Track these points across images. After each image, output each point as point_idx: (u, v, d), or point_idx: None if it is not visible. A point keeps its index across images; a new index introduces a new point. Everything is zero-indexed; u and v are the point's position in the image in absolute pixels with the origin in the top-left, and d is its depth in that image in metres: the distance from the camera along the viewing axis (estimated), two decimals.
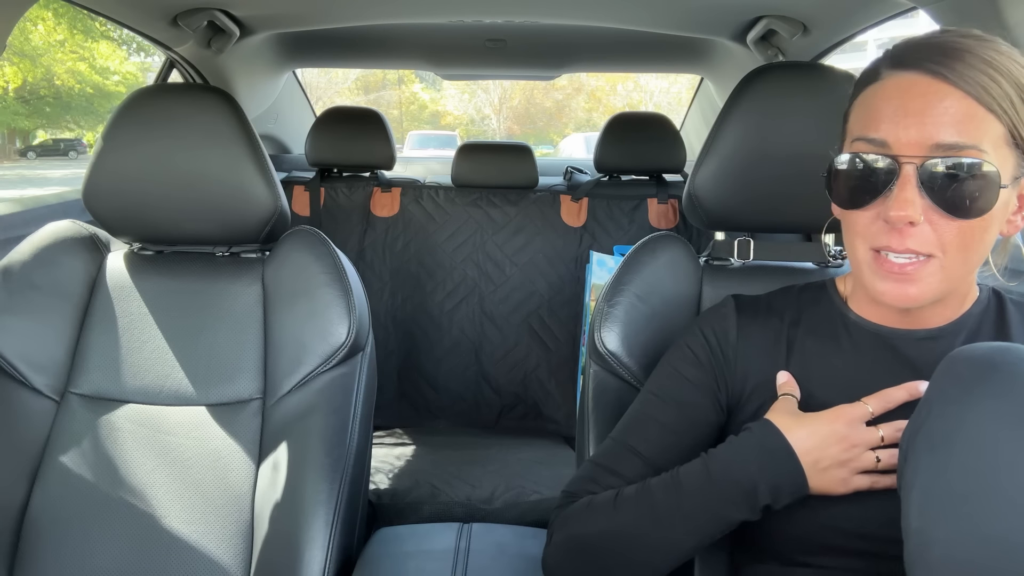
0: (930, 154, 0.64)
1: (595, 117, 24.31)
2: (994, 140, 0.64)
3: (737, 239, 1.06)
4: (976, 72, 0.63)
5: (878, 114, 0.67)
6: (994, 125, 0.63)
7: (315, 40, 2.16)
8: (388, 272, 2.24)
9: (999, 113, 0.63)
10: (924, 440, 0.58)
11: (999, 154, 0.64)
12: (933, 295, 0.67)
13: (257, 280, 1.13)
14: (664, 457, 0.77)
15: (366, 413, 1.09)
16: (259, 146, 1.09)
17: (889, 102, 0.66)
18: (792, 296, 0.83)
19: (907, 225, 0.64)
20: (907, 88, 0.65)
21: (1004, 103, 0.63)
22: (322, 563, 0.92)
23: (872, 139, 0.67)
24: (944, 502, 0.55)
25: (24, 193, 2.80)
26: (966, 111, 0.63)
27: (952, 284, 0.68)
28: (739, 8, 1.59)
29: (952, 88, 0.63)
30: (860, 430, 0.69)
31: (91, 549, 0.96)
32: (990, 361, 0.57)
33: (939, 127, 0.63)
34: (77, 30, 16.90)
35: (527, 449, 1.99)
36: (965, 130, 0.63)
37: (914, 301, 0.67)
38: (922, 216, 0.64)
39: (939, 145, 0.63)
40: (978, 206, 0.63)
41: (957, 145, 0.63)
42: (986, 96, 0.63)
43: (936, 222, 0.65)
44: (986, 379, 0.56)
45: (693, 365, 0.81)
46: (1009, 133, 0.64)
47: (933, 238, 0.65)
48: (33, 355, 1.05)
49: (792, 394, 0.74)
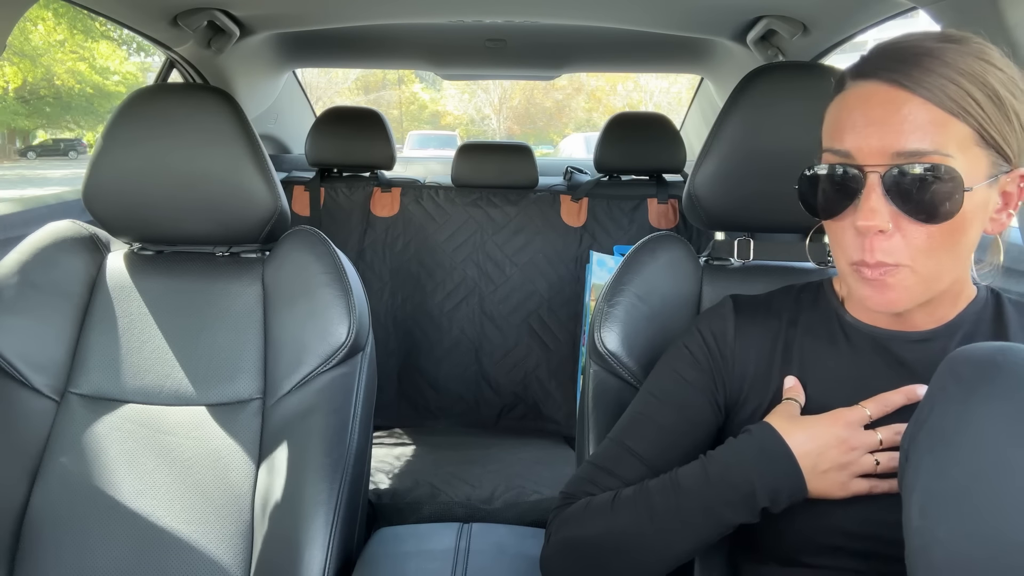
0: (893, 162, 0.64)
1: (595, 117, 24.31)
2: (960, 142, 0.64)
3: (737, 239, 1.06)
4: (935, 76, 0.63)
5: (842, 125, 0.68)
6: (958, 127, 0.63)
7: (315, 40, 2.16)
8: (388, 272, 2.24)
9: (962, 115, 0.63)
10: (926, 440, 0.58)
11: (968, 156, 0.64)
12: (913, 299, 0.68)
13: (257, 280, 1.13)
14: (662, 458, 0.77)
15: (366, 413, 1.09)
16: (259, 146, 1.09)
17: (852, 112, 0.67)
18: (791, 296, 0.83)
19: (877, 233, 0.65)
20: (867, 97, 0.66)
21: (967, 105, 0.63)
22: (322, 563, 0.92)
23: (837, 150, 0.68)
24: (946, 501, 0.55)
25: (24, 193, 2.80)
26: (927, 117, 0.63)
27: (933, 287, 0.68)
28: (739, 8, 1.59)
29: (910, 95, 0.64)
30: (859, 433, 0.69)
31: (91, 549, 0.96)
32: (992, 361, 0.57)
33: (900, 135, 0.64)
34: (77, 30, 16.91)
35: (527, 449, 1.99)
36: (927, 136, 0.63)
37: (895, 306, 0.68)
38: (891, 224, 0.65)
39: (901, 153, 0.64)
40: (945, 210, 0.64)
41: (920, 151, 0.63)
42: (947, 101, 0.63)
43: (905, 228, 0.65)
44: (988, 379, 0.56)
45: (691, 366, 0.81)
46: (977, 134, 0.64)
47: (902, 246, 0.65)
48: (33, 355, 1.05)
49: (796, 399, 0.74)
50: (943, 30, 0.67)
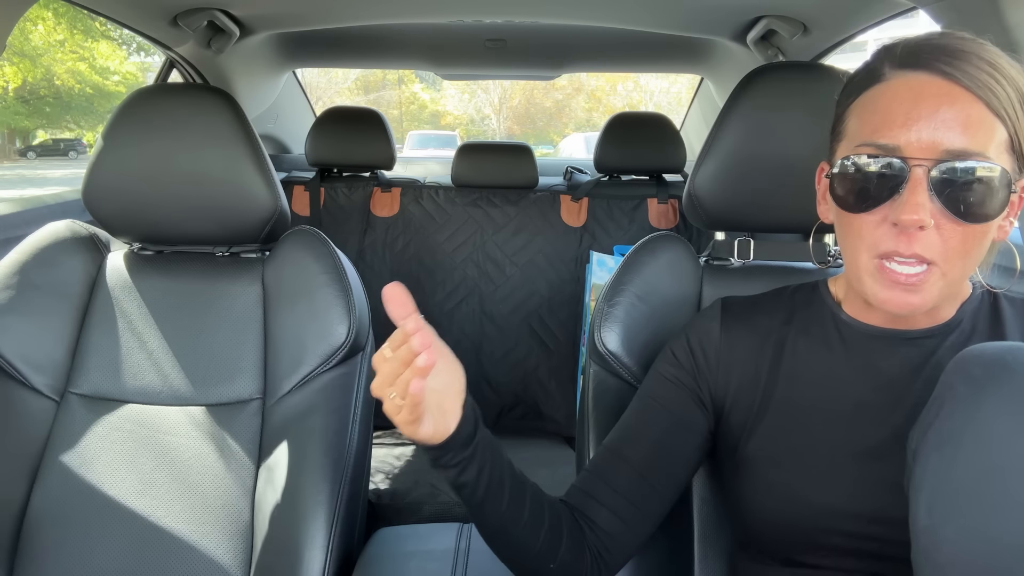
0: (940, 158, 0.63)
1: (595, 117, 24.30)
2: (997, 146, 0.63)
3: (737, 239, 1.06)
4: (984, 75, 0.62)
5: (888, 116, 0.65)
6: (999, 130, 0.63)
7: (315, 40, 2.16)
8: (388, 272, 2.24)
9: (1004, 118, 0.63)
10: (934, 438, 0.57)
11: (1000, 160, 0.63)
12: (934, 302, 0.67)
13: (257, 280, 1.13)
14: (653, 464, 0.77)
15: (366, 413, 1.09)
16: (259, 146, 1.09)
17: (900, 104, 0.65)
18: (785, 297, 0.83)
19: (916, 229, 0.63)
20: (918, 89, 0.64)
21: (1008, 108, 0.63)
22: (322, 563, 0.92)
23: (882, 143, 0.65)
24: (953, 501, 0.55)
25: (24, 193, 2.80)
26: (976, 115, 0.62)
27: (951, 289, 0.68)
28: (739, 8, 1.59)
29: (963, 91, 0.62)
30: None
31: (91, 549, 0.96)
32: (1001, 360, 0.57)
33: (950, 131, 0.62)
34: (77, 30, 16.92)
35: (527, 449, 1.99)
36: (974, 135, 0.62)
37: (916, 309, 0.67)
38: (931, 220, 0.63)
39: (951, 150, 0.62)
40: (985, 211, 0.63)
41: (968, 151, 0.62)
42: (994, 100, 0.62)
43: (944, 226, 0.64)
44: (996, 378, 0.56)
45: (674, 367, 0.81)
46: (1010, 139, 0.64)
47: (938, 243, 0.64)
48: (33, 355, 1.05)
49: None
50: (963, 32, 0.66)
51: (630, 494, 0.77)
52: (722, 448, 0.81)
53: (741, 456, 0.78)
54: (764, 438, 0.77)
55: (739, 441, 0.78)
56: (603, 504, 0.77)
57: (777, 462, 0.75)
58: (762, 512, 0.75)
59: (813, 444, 0.74)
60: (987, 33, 0.67)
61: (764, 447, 0.76)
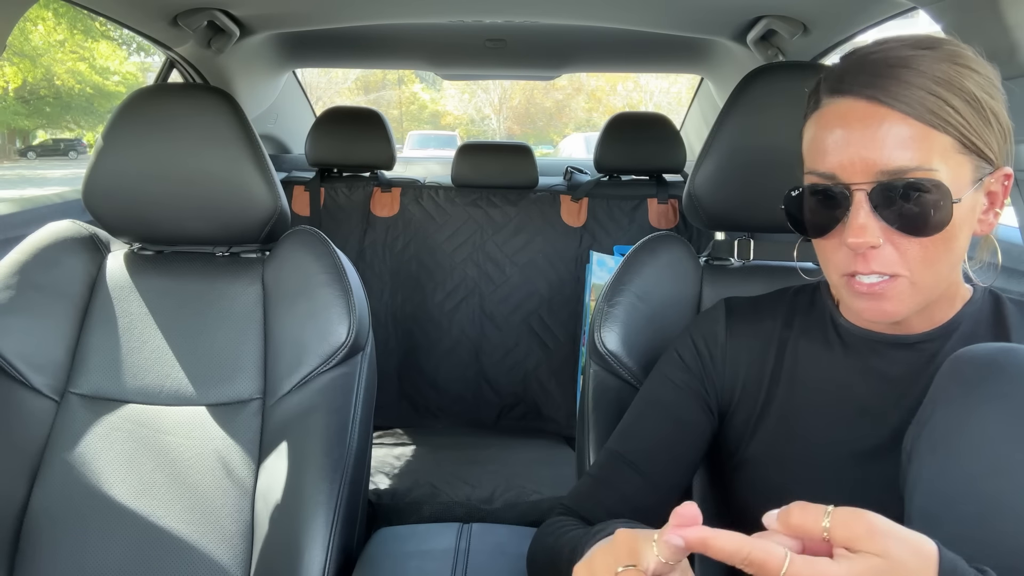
0: (878, 179, 0.63)
1: (595, 117, 24.31)
2: (942, 153, 0.62)
3: (737, 239, 1.06)
4: (912, 89, 0.62)
5: (823, 145, 0.66)
6: (940, 139, 0.62)
7: (315, 40, 2.16)
8: (388, 272, 2.24)
9: (943, 126, 0.62)
10: (927, 440, 0.58)
11: (951, 164, 0.63)
12: (909, 309, 0.67)
13: (257, 280, 1.13)
14: (658, 467, 0.78)
15: (366, 413, 1.09)
16: (259, 146, 1.09)
17: (831, 132, 0.65)
18: (786, 299, 0.83)
19: (869, 249, 0.64)
20: (845, 115, 0.65)
21: (946, 115, 0.62)
22: (322, 563, 0.92)
23: (822, 172, 0.66)
24: (946, 503, 0.55)
25: (24, 193, 2.80)
26: (908, 133, 0.62)
27: (929, 294, 0.67)
28: (739, 8, 1.59)
29: (888, 111, 0.62)
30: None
31: (91, 549, 0.96)
32: (994, 362, 0.57)
33: (883, 152, 0.62)
34: (77, 30, 16.92)
35: (527, 449, 1.99)
36: (909, 151, 0.62)
37: (892, 316, 0.67)
38: (881, 239, 0.63)
39: (885, 171, 0.62)
40: (934, 222, 0.62)
41: (904, 168, 0.62)
42: (927, 114, 0.62)
43: (897, 242, 0.64)
44: (989, 380, 0.56)
45: (682, 371, 0.81)
46: (959, 142, 0.63)
47: (896, 258, 0.64)
48: (33, 355, 1.05)
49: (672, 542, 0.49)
50: (915, 36, 0.66)
51: (635, 500, 0.77)
52: (723, 449, 0.81)
53: (742, 457, 0.78)
54: (765, 440, 0.77)
55: (741, 442, 0.78)
56: (609, 511, 0.77)
57: (778, 463, 0.75)
58: (762, 513, 0.75)
59: (814, 446, 0.74)
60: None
61: (765, 449, 0.76)
